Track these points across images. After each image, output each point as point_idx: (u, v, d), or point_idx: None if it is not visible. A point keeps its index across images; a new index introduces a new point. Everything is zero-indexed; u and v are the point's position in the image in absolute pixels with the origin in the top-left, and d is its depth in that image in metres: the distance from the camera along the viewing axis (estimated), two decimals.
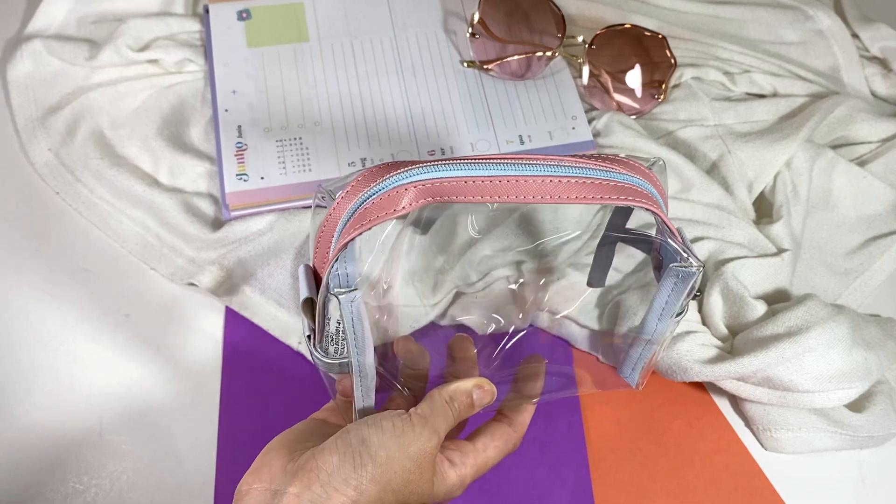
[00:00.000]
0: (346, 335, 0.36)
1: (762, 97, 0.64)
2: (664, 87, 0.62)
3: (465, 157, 0.35)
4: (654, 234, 0.41)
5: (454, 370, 0.45)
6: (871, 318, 0.53)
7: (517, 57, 0.62)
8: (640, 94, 0.62)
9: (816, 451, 0.50)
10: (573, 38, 0.62)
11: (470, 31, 0.63)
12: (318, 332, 0.37)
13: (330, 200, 0.36)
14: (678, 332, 0.50)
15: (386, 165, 0.35)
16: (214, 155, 0.58)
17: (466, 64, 0.63)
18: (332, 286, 0.35)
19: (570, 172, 0.34)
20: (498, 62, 0.62)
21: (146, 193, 0.56)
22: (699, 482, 0.50)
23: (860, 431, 0.49)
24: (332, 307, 0.36)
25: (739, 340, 0.50)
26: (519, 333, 0.49)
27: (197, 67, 0.62)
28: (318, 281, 0.37)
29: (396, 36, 0.64)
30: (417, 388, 0.44)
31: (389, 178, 0.34)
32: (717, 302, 0.52)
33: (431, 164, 0.34)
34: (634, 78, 0.62)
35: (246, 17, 0.64)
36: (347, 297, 0.34)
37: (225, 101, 0.59)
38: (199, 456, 0.49)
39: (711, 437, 0.51)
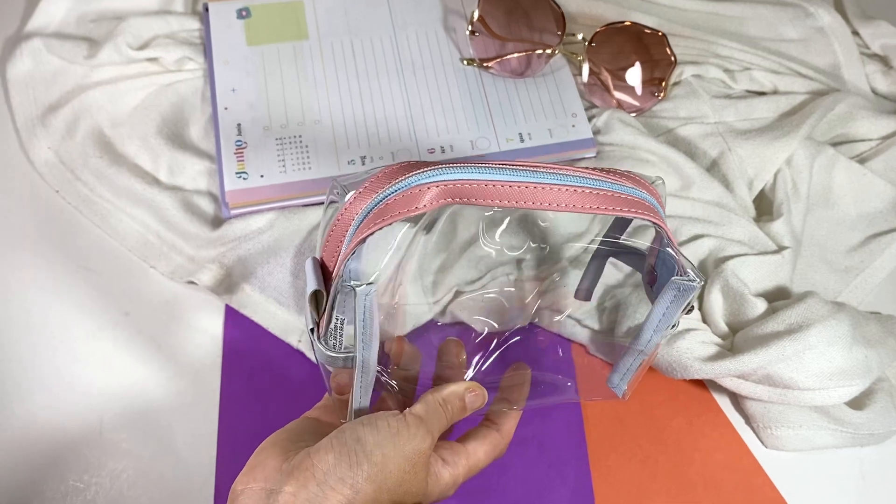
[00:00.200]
0: (343, 330, 0.36)
1: (762, 94, 0.64)
2: (664, 84, 0.61)
3: (485, 160, 0.36)
4: (647, 250, 0.43)
5: (444, 374, 0.45)
6: (871, 315, 0.53)
7: (517, 55, 0.62)
8: (640, 91, 0.62)
9: (817, 448, 0.50)
10: (573, 35, 0.62)
11: (470, 28, 0.63)
12: (324, 325, 0.37)
13: (344, 195, 0.36)
14: (678, 329, 0.50)
15: (405, 165, 0.36)
16: (214, 153, 0.58)
17: (466, 62, 0.63)
18: (347, 278, 0.35)
19: (585, 183, 0.36)
20: (498, 60, 0.62)
21: (146, 192, 0.56)
22: (699, 480, 0.50)
23: (861, 429, 0.49)
24: (339, 301, 0.36)
25: (740, 338, 0.50)
26: (519, 333, 0.50)
27: (196, 66, 0.62)
28: (325, 274, 0.37)
29: (396, 34, 0.64)
30: (408, 389, 0.45)
31: (410, 177, 0.35)
32: (717, 299, 0.52)
33: (452, 165, 0.35)
34: (634, 75, 0.62)
35: (245, 15, 0.64)
36: (364, 289, 0.35)
37: (224, 99, 0.59)
38: (198, 454, 0.49)
39: (712, 434, 0.51)
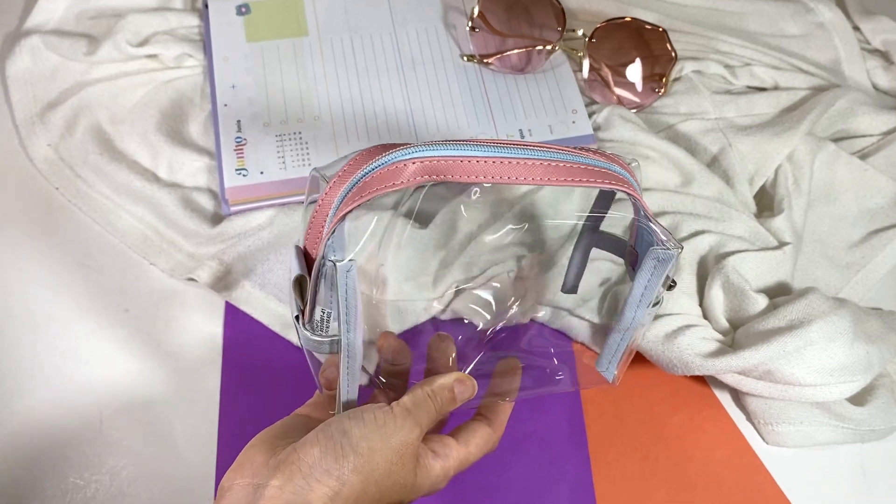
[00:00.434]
0: (329, 325, 0.36)
1: (763, 90, 0.64)
2: (665, 80, 0.61)
3: (462, 139, 0.36)
4: (628, 224, 0.43)
5: (434, 369, 0.45)
6: (872, 311, 0.53)
7: (517, 51, 0.62)
8: (640, 87, 0.62)
9: (818, 444, 0.50)
10: (573, 31, 0.62)
11: (470, 25, 0.62)
12: (308, 311, 0.37)
13: (325, 183, 0.36)
14: (679, 325, 0.50)
15: (380, 146, 0.36)
16: (214, 150, 0.58)
17: (466, 58, 0.63)
18: (329, 254, 0.35)
19: (557, 157, 0.36)
20: (498, 56, 0.62)
21: (145, 188, 0.56)
22: (700, 477, 0.50)
23: (862, 425, 0.49)
24: (322, 287, 0.36)
25: (741, 334, 0.50)
26: (515, 325, 0.49)
27: (196, 62, 0.62)
28: (308, 262, 0.37)
29: (396, 30, 0.64)
30: (400, 385, 0.45)
31: (389, 154, 0.35)
32: (718, 295, 0.52)
33: (429, 143, 0.35)
34: (635, 71, 0.62)
35: (245, 11, 0.63)
36: (344, 265, 0.34)
37: (224, 95, 0.59)
38: (199, 450, 0.49)
39: (712, 431, 0.51)
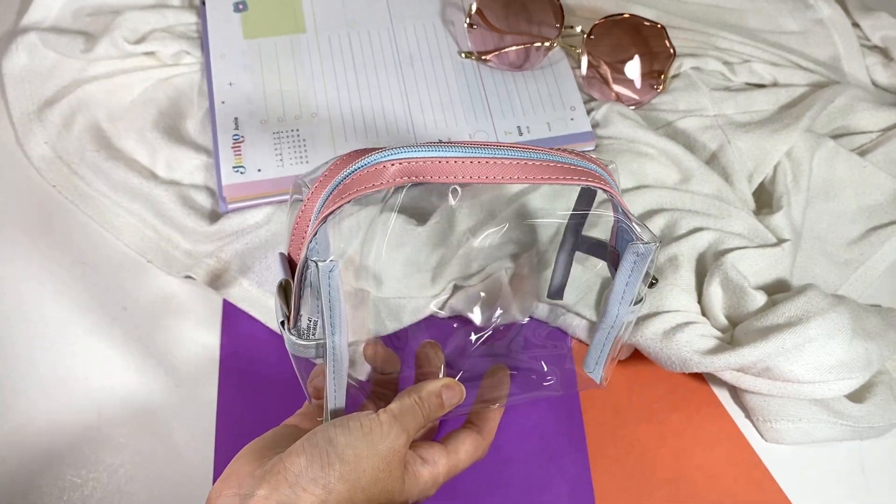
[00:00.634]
0: (315, 332, 0.36)
1: (762, 87, 0.63)
2: (663, 77, 0.61)
3: (440, 142, 0.36)
4: (613, 222, 0.43)
5: (423, 375, 0.45)
6: (871, 308, 0.53)
7: (515, 47, 0.61)
8: (639, 84, 0.62)
9: (817, 441, 0.50)
10: (571, 28, 0.62)
11: (468, 21, 0.62)
12: (293, 315, 0.37)
13: (307, 189, 0.36)
14: (678, 322, 0.50)
15: (359, 150, 0.36)
16: (211, 147, 0.58)
17: (464, 55, 0.62)
18: (311, 254, 0.35)
19: (533, 157, 0.36)
20: (496, 53, 0.62)
21: (143, 186, 0.56)
22: (699, 474, 0.50)
23: (861, 422, 0.49)
24: (306, 295, 0.36)
25: (739, 331, 0.50)
26: (508, 326, 0.49)
27: (193, 59, 0.62)
28: (293, 268, 0.37)
29: (394, 27, 0.64)
30: (389, 395, 0.45)
31: (370, 155, 0.35)
32: (716, 292, 0.51)
33: (409, 146, 0.36)
34: (633, 68, 0.61)
35: (242, 8, 0.63)
36: (326, 266, 0.34)
37: (221, 93, 0.59)
38: (196, 449, 0.49)
39: (711, 428, 0.51)
